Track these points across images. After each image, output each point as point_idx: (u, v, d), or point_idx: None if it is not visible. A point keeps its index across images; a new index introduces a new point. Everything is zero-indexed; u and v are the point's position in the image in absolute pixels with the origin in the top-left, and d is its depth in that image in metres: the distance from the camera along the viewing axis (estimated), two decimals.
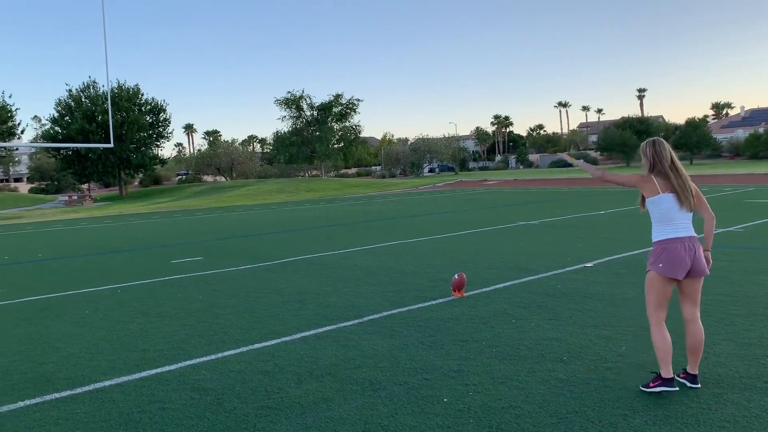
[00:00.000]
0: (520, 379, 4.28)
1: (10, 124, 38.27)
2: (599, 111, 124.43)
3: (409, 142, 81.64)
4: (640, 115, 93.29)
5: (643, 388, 3.93)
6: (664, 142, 4.00)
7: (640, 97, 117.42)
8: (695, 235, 3.92)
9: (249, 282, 8.69)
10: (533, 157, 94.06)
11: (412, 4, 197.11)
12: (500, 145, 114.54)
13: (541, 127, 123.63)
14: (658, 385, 3.88)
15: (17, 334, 6.26)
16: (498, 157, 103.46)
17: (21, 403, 4.23)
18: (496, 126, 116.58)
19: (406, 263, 9.67)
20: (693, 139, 61.73)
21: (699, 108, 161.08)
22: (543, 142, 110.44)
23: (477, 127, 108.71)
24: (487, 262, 9.39)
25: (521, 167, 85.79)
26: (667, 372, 3.87)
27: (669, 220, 3.90)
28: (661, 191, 3.89)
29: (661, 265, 3.87)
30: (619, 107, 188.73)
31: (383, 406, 3.90)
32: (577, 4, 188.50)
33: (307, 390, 4.23)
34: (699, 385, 3.91)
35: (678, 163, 3.94)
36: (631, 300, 6.39)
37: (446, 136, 78.25)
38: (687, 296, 4.00)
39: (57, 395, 4.36)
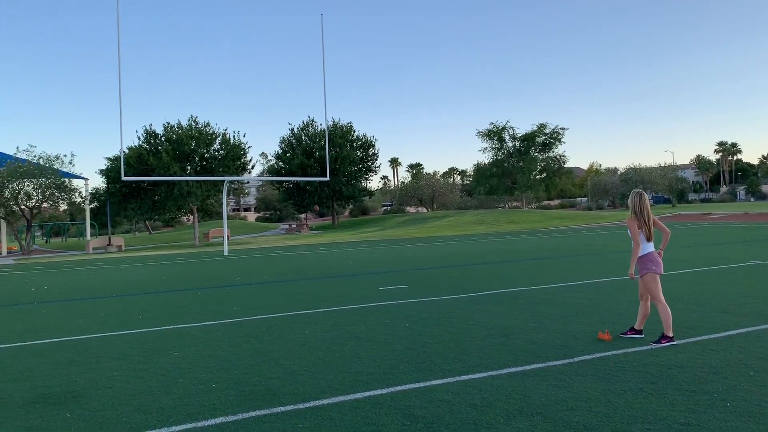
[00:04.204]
0: None
1: (243, 160, 43.23)
2: None
3: (618, 172, 77.16)
4: None
5: (653, 345, 6.21)
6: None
7: None
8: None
9: (453, 312, 8.75)
10: (767, 188, 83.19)
11: (622, 28, 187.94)
12: (725, 175, 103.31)
13: None
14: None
15: (248, 349, 6.95)
16: (723, 189, 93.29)
17: (252, 413, 4.66)
18: (720, 154, 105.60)
19: (618, 302, 9.05)
20: None
21: None
22: None
23: (697, 156, 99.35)
24: (716, 305, 8.42)
25: (752, 200, 76.41)
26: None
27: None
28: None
29: (654, 267, 6.48)
30: None
31: None
32: None
33: (517, 428, 4.10)
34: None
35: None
36: None
37: (662, 165, 72.60)
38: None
39: (282, 409, 4.73)
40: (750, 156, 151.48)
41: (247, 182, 60.40)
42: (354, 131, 60.15)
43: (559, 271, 13.52)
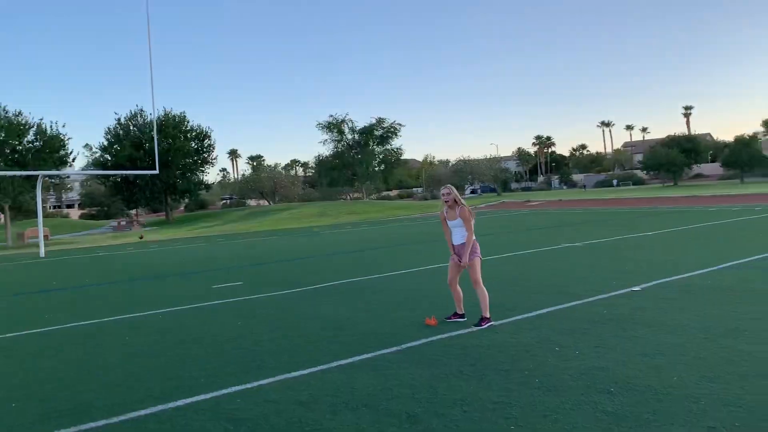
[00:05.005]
0: (564, 411, 4.06)
1: (62, 152, 39.39)
2: (644, 130, 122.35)
3: (450, 164, 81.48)
4: (686, 133, 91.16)
5: (475, 327, 6.61)
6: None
7: (687, 115, 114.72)
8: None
9: (288, 307, 8.64)
10: (577, 177, 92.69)
11: (451, 29, 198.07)
12: (542, 165, 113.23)
13: (584, 147, 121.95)
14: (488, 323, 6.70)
15: (60, 361, 6.32)
16: (540, 178, 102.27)
17: None
18: (537, 147, 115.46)
19: (446, 287, 9.47)
20: (743, 157, 59.91)
21: (749, 125, 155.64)
22: (587, 162, 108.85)
23: (518, 148, 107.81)
24: (530, 286, 9.14)
25: (565, 188, 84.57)
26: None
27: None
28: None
29: (479, 252, 7.01)
30: (665, 125, 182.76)
31: None
32: (618, 20, 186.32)
33: (341, 422, 4.11)
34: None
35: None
36: (682, 326, 6.09)
37: (488, 157, 77.77)
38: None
39: (93, 425, 4.33)
40: (562, 149, 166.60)
41: (68, 177, 55.10)
42: (188, 121, 57.33)
43: (394, 260, 13.92)
